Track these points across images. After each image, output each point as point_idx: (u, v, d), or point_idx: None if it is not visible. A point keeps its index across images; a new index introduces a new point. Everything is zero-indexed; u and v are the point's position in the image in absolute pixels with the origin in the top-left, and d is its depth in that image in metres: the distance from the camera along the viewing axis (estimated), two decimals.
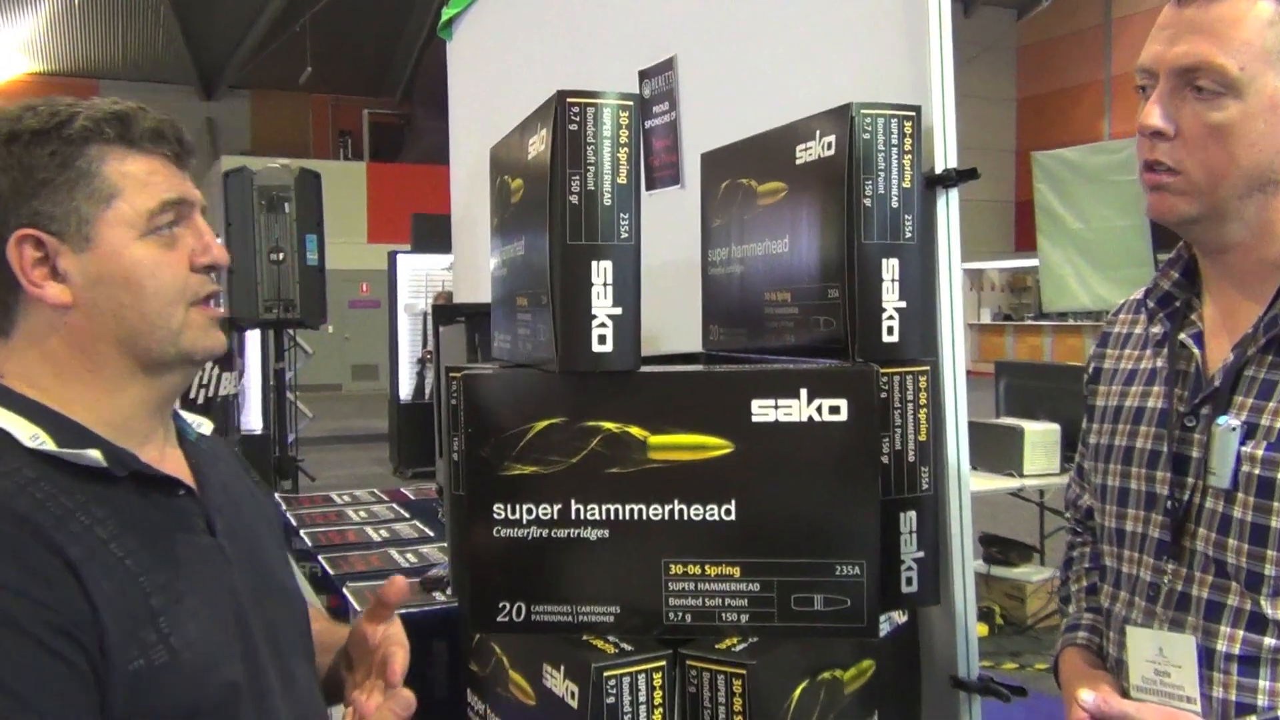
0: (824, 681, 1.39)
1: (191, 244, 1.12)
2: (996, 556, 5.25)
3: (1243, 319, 1.20)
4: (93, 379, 1.09)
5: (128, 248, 1.08)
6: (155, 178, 1.10)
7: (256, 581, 1.16)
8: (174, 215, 1.11)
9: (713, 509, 1.36)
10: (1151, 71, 1.18)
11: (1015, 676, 4.41)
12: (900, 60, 1.63)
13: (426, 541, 2.56)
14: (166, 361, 1.11)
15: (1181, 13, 1.15)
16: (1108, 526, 1.32)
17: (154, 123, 1.11)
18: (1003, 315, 19.58)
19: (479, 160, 1.86)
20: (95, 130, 1.07)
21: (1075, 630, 1.40)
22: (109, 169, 1.07)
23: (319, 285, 6.97)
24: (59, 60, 18.24)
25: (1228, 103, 1.13)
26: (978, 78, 18.55)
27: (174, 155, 1.13)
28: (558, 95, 1.33)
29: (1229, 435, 1.15)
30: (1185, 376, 1.24)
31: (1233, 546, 1.14)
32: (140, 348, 1.09)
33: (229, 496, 1.20)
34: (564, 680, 1.36)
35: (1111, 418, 1.33)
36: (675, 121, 2.33)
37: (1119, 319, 1.40)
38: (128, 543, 1.02)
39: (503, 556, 1.39)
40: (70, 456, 1.02)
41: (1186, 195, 1.17)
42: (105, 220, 1.07)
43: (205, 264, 1.13)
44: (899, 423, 1.46)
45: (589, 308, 1.34)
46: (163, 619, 1.01)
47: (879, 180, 1.43)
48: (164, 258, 1.10)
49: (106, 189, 1.07)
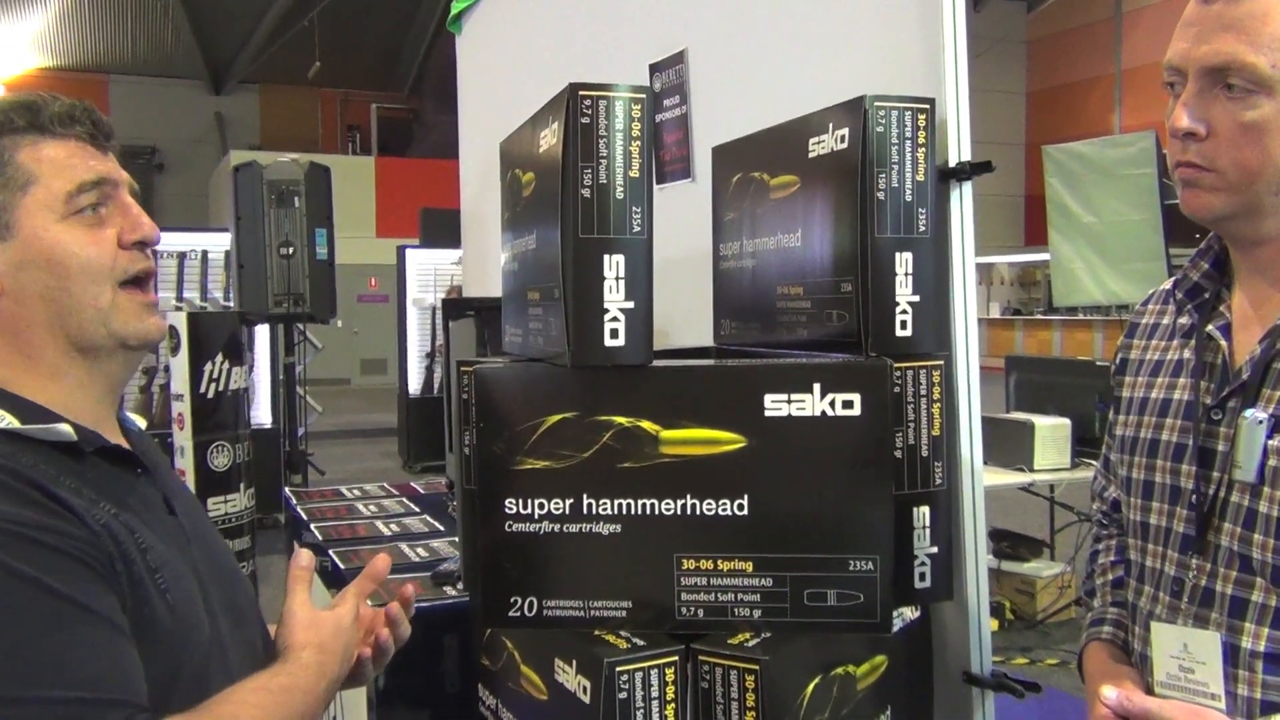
0: (837, 677, 1.39)
1: (120, 222, 1.13)
2: (1007, 551, 5.23)
3: (1272, 312, 1.18)
4: (32, 365, 1.10)
5: (48, 230, 1.09)
6: (72, 160, 1.11)
7: (211, 560, 1.20)
8: (96, 196, 1.12)
9: (725, 504, 1.36)
10: (1180, 70, 1.16)
11: (1026, 672, 4.40)
12: (913, 53, 1.62)
13: (437, 536, 2.56)
14: (99, 344, 1.12)
15: (1208, 9, 1.13)
16: (1133, 520, 1.31)
17: (64, 107, 1.12)
18: (1012, 310, 19.52)
19: (488, 154, 1.85)
20: (5, 122, 1.09)
21: (1100, 624, 1.39)
22: (22, 156, 1.09)
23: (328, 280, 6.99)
24: (69, 55, 18.27)
25: (1260, 101, 1.10)
26: (988, 71, 18.47)
27: (89, 137, 1.13)
28: (570, 88, 1.32)
29: (1256, 428, 1.13)
30: (1212, 369, 1.23)
31: (1258, 541, 1.13)
32: (71, 328, 1.10)
33: (171, 485, 1.23)
34: (576, 675, 1.36)
35: (1138, 409, 1.32)
36: (686, 115, 2.32)
37: (1147, 309, 1.39)
38: (109, 508, 1.04)
39: (515, 551, 1.39)
40: (39, 433, 1.04)
41: (1221, 192, 1.15)
42: (23, 207, 1.08)
43: (135, 240, 1.13)
44: (912, 417, 1.45)
45: (601, 302, 1.34)
46: (159, 575, 1.04)
47: (892, 173, 1.42)
48: (88, 236, 1.11)
49: (22, 177, 1.09)
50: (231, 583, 1.24)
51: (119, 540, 1.02)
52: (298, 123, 20.01)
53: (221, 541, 1.32)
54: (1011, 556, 5.23)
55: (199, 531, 1.21)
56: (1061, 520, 5.47)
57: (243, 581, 1.30)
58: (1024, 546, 5.30)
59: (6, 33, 16.97)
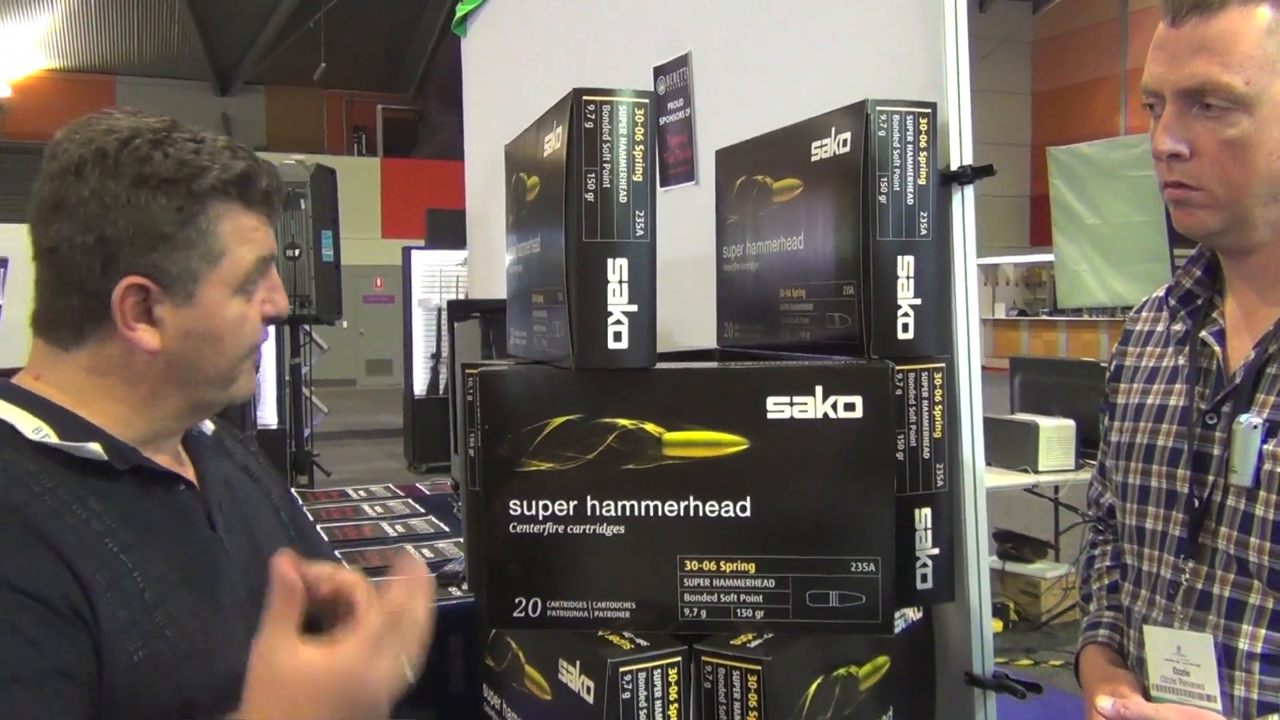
0: (839, 678, 1.39)
1: (263, 295, 1.14)
2: (1011, 552, 5.23)
3: (1264, 316, 1.19)
4: (141, 408, 1.11)
5: (224, 306, 1.10)
6: (257, 235, 1.12)
7: (257, 576, 1.16)
8: (262, 271, 1.13)
9: (728, 505, 1.36)
10: (1157, 93, 1.17)
11: (1030, 673, 4.40)
12: (916, 56, 1.63)
13: (442, 536, 2.57)
14: (213, 403, 1.15)
15: (1178, 32, 1.13)
16: (1128, 525, 1.31)
17: (269, 184, 1.12)
18: (1017, 310, 19.49)
19: (494, 156, 1.86)
20: (220, 189, 1.08)
21: (1096, 628, 1.40)
22: (223, 228, 1.09)
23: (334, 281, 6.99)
24: (76, 57, 18.31)
25: (1239, 118, 1.11)
26: (993, 72, 18.44)
27: (270, 216, 1.15)
28: (574, 93, 1.33)
29: (1251, 433, 1.14)
30: (1206, 374, 1.23)
31: (1255, 545, 1.14)
32: (200, 391, 1.12)
33: (231, 492, 1.22)
34: (580, 676, 1.37)
35: (1133, 415, 1.32)
36: (690, 118, 2.33)
37: (1141, 316, 1.39)
38: (124, 537, 1.03)
39: (519, 552, 1.40)
40: (70, 449, 1.03)
41: (1211, 209, 1.16)
42: (210, 279, 1.08)
43: (271, 315, 1.15)
44: (914, 419, 1.45)
45: (605, 305, 1.34)
46: (158, 612, 1.02)
47: (894, 177, 1.43)
48: (245, 311, 1.12)
49: (219, 248, 1.08)
50: None
51: (104, 588, 0.98)
52: (303, 124, 20.04)
53: (279, 550, 1.26)
54: (1016, 558, 5.23)
55: (246, 546, 1.18)
56: (1066, 521, 5.47)
57: None
58: (1028, 548, 5.30)
59: (13, 34, 17.01)
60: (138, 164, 1.04)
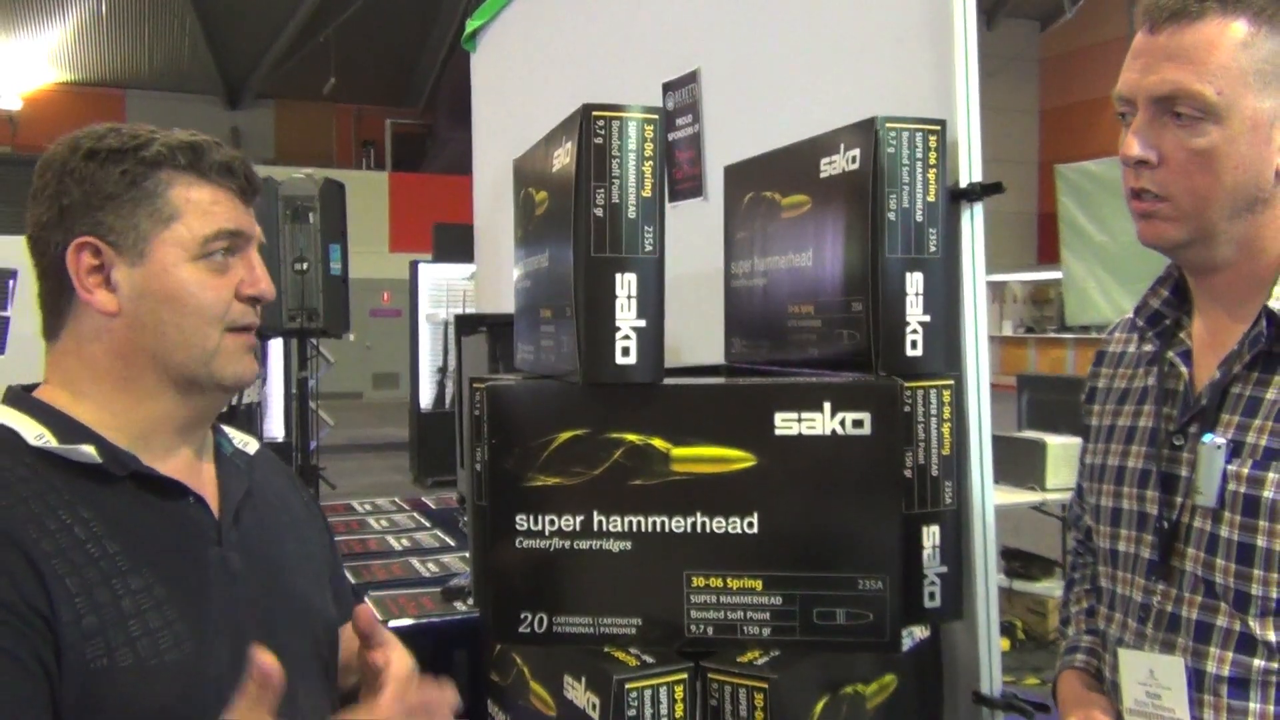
0: (846, 696, 1.39)
1: (242, 274, 1.16)
2: (1018, 571, 5.21)
3: (1229, 336, 1.19)
4: (126, 387, 1.12)
5: (177, 267, 1.12)
6: (217, 208, 1.15)
7: (270, 600, 1.17)
8: (228, 244, 1.15)
9: (735, 521, 1.36)
10: (1129, 100, 1.17)
11: (1037, 692, 4.38)
12: (925, 74, 1.63)
13: (447, 551, 2.57)
14: (197, 381, 1.15)
15: (1155, 40, 1.14)
16: (1102, 547, 1.31)
17: (225, 157, 1.16)
18: (1025, 328, 19.46)
19: (502, 171, 1.87)
20: (169, 156, 1.12)
21: (1074, 652, 1.40)
22: (174, 193, 1.12)
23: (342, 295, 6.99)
24: (86, 70, 18.41)
25: (1208, 128, 1.12)
26: (1000, 90, 18.47)
27: (239, 190, 1.17)
28: (583, 109, 1.34)
29: (1214, 453, 1.14)
30: (1174, 395, 1.23)
31: (1220, 566, 1.13)
32: (174, 363, 1.13)
33: (258, 514, 1.21)
34: (585, 692, 1.36)
35: (1105, 437, 1.33)
36: (699, 134, 2.33)
37: (1114, 338, 1.40)
38: (110, 544, 1.04)
39: (525, 567, 1.39)
40: (65, 452, 1.05)
41: (1175, 221, 1.16)
42: (161, 239, 1.12)
43: (251, 295, 1.17)
44: (922, 437, 1.45)
45: (613, 320, 1.34)
46: (133, 622, 1.03)
47: (903, 194, 1.43)
48: (210, 280, 1.14)
49: (168, 211, 1.12)
50: (292, 626, 1.18)
51: (71, 595, 0.99)
52: (313, 138, 20.11)
53: (304, 578, 1.25)
54: (1023, 576, 5.20)
55: (263, 568, 1.17)
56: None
57: (309, 626, 1.23)
58: (1036, 566, 5.27)
59: (25, 48, 17.12)
60: (91, 142, 1.12)
